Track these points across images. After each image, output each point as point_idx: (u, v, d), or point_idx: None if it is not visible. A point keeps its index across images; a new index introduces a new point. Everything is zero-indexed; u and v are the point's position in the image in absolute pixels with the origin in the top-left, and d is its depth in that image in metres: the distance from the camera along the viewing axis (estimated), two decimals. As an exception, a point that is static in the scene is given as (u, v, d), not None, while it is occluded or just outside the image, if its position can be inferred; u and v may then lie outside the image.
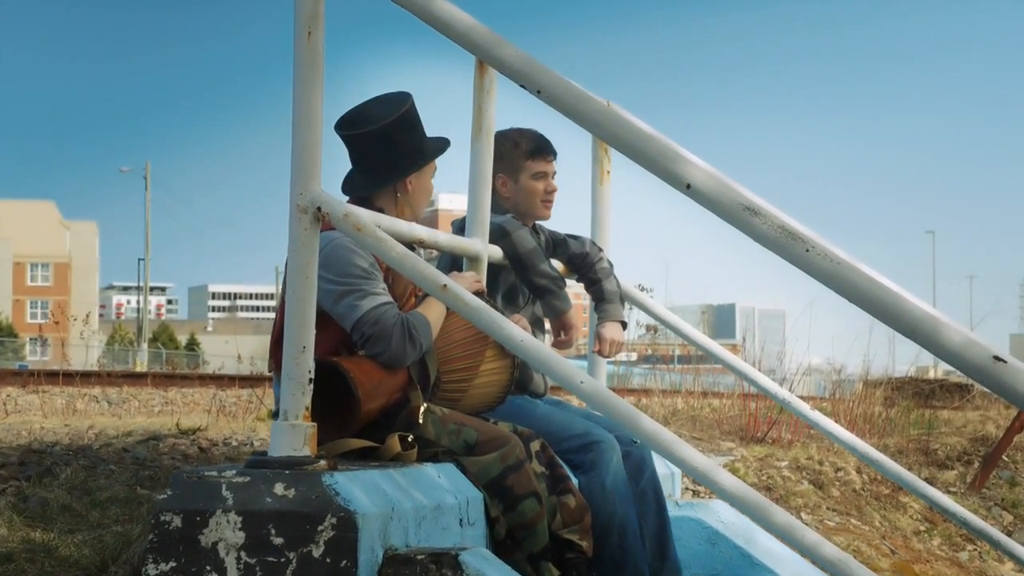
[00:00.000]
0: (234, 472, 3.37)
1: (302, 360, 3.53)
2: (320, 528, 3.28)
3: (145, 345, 63.51)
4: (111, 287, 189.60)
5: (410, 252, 3.59)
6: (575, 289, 5.36)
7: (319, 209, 3.54)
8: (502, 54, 3.48)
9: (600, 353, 5.11)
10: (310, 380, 3.54)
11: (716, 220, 3.34)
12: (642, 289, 8.41)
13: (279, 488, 3.33)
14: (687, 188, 3.30)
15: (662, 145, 3.36)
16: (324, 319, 4.06)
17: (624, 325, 5.16)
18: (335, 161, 4.43)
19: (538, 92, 3.43)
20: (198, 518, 3.30)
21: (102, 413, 10.02)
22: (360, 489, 3.40)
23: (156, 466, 5.14)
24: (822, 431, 5.30)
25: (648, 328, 15.60)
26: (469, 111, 4.63)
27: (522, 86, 3.48)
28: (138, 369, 29.89)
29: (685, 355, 21.89)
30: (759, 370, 11.73)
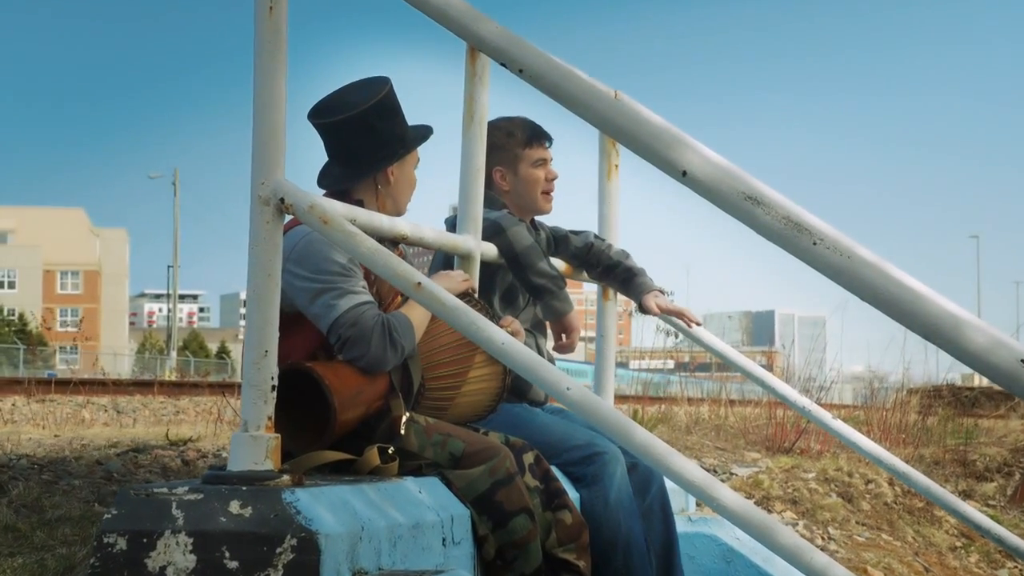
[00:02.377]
0: (186, 488, 3.11)
1: (264, 365, 3.27)
2: (279, 550, 3.02)
3: (174, 353, 63.60)
4: (143, 295, 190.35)
5: (382, 247, 3.33)
6: (576, 294, 5.10)
7: (282, 200, 3.29)
8: (481, 30, 3.23)
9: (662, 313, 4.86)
10: (273, 387, 3.28)
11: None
12: (661, 292, 8.12)
13: (235, 506, 3.07)
14: (683, 176, 3.05)
15: (656, 128, 3.11)
16: (299, 320, 3.83)
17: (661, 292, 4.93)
18: (312, 153, 4.20)
19: (520, 71, 3.18)
20: (144, 540, 3.04)
21: (106, 423, 9.81)
22: (325, 507, 3.14)
23: (126, 480, 4.89)
24: (845, 441, 5.02)
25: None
26: (461, 100, 4.38)
27: (503, 64, 3.23)
28: (168, 378, 29.72)
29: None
30: (797, 378, 11.52)
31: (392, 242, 4.07)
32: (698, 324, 4.95)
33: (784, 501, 7.41)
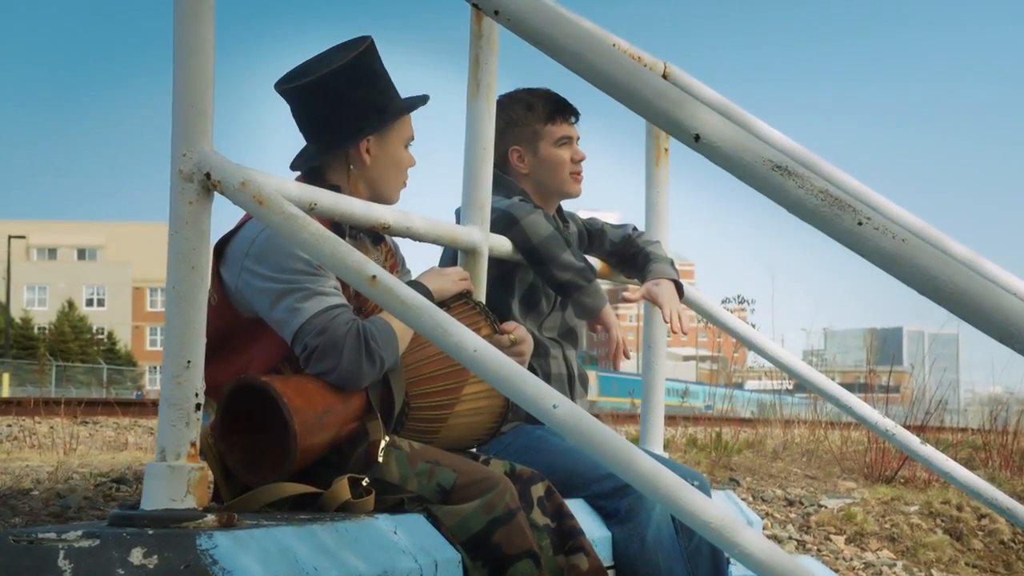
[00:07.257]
0: (80, 533, 2.64)
1: (185, 379, 2.81)
2: (187, 611, 2.54)
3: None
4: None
5: (330, 233, 2.85)
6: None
7: (208, 176, 2.82)
8: (446, -37, 2.75)
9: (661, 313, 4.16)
10: (198, 406, 2.82)
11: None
12: (741, 301, 7.61)
13: (137, 555, 2.60)
14: (695, 140, 2.57)
15: (661, 83, 2.61)
16: (260, 327, 3.38)
17: (680, 289, 4.26)
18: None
19: (495, 13, 2.70)
20: (22, 598, 2.59)
21: (140, 447, 9.45)
22: (254, 554, 2.66)
23: (76, 518, 4.45)
24: (935, 470, 4.46)
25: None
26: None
27: (475, 5, 2.75)
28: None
29: (846, 383, 20.90)
30: (928, 401, 10.86)
31: (373, 235, 3.61)
32: (683, 333, 4.22)
33: (880, 538, 6.83)
